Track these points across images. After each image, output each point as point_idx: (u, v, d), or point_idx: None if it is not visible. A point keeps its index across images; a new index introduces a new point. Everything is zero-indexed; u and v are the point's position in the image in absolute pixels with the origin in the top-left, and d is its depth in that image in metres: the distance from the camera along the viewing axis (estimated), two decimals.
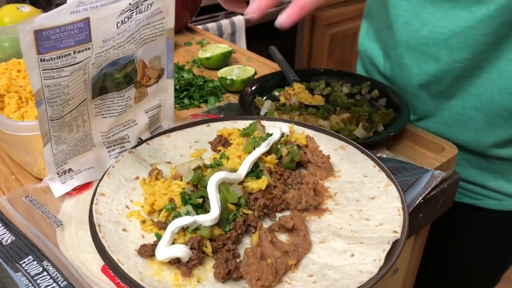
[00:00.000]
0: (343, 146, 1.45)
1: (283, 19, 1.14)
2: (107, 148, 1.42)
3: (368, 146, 1.58)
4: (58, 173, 1.34)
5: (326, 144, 1.47)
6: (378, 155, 1.57)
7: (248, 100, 1.82)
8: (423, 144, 1.71)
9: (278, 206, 1.23)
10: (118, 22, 1.17)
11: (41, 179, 1.45)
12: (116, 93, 1.35)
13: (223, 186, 1.16)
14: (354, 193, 1.30)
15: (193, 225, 1.08)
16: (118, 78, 1.33)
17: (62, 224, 1.24)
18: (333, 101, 1.87)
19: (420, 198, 1.35)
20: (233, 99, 1.97)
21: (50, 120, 1.21)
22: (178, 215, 1.11)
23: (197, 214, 1.13)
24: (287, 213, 1.25)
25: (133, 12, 1.20)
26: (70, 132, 1.30)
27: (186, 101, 1.89)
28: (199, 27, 3.64)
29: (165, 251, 1.04)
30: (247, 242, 1.15)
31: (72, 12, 1.06)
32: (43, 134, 1.22)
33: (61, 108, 1.20)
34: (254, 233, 1.15)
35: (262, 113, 1.81)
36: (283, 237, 1.17)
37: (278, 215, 1.24)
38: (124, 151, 1.45)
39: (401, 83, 1.89)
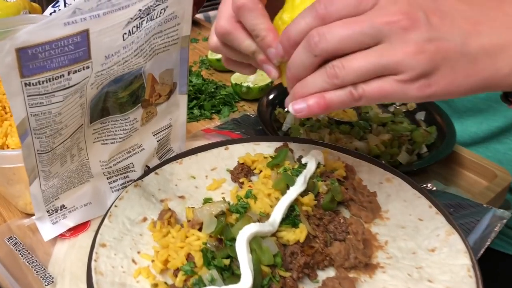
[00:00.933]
0: (390, 178, 1.22)
1: (299, 109, 0.85)
2: (107, 179, 1.18)
3: (411, 172, 1.36)
4: (48, 211, 1.11)
5: (368, 175, 1.24)
6: (423, 185, 1.34)
7: (267, 113, 1.58)
8: (471, 170, 1.48)
9: (321, 263, 1.00)
10: (125, 33, 0.92)
11: (28, 214, 1.22)
12: (120, 115, 1.10)
13: (255, 243, 0.92)
14: (409, 242, 1.07)
15: None
16: (122, 97, 1.08)
17: (53, 282, 1.01)
18: (365, 113, 1.64)
19: (486, 246, 1.13)
20: (249, 108, 1.73)
21: (38, 154, 0.96)
22: (200, 282, 0.88)
23: (223, 278, 0.90)
24: (331, 271, 1.02)
25: (144, 20, 0.95)
26: (63, 164, 1.06)
27: (196, 111, 1.64)
28: (200, 15, 3.36)
29: None
30: None
31: (66, 23, 0.81)
32: (29, 170, 0.98)
33: (51, 140, 0.96)
34: None
35: (284, 128, 1.57)
36: None
37: (320, 273, 1.01)
38: (128, 182, 1.21)
39: (460, 105, 1.64)
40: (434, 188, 1.32)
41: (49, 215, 1.11)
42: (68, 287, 0.99)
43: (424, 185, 1.34)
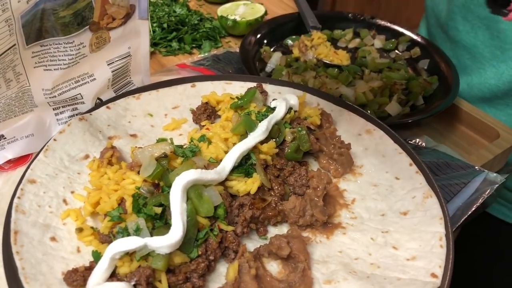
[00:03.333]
0: (370, 130, 1.07)
1: None
2: (54, 110, 1.07)
3: (402, 125, 1.21)
4: None
5: (347, 125, 1.10)
6: (414, 141, 1.19)
7: (252, 51, 1.42)
8: (472, 127, 1.32)
9: (272, 219, 0.89)
10: None
11: None
12: (63, 38, 0.97)
13: (193, 191, 0.81)
14: (380, 202, 0.94)
15: (142, 251, 0.74)
16: (64, 17, 0.94)
17: None
18: (361, 58, 1.47)
19: (469, 213, 0.99)
20: (235, 45, 1.57)
21: None
22: (124, 231, 0.78)
23: (153, 227, 0.80)
24: (285, 228, 0.90)
25: None
26: None
27: (174, 44, 1.50)
28: None
29: None
30: (223, 272, 0.82)
31: None
32: None
33: None
34: (233, 259, 0.82)
35: (268, 69, 1.42)
36: (274, 266, 0.83)
37: (272, 230, 0.90)
38: (77, 115, 1.09)
39: (485, 52, 1.45)
40: (423, 144, 1.17)
41: None
42: None
43: (413, 141, 1.19)
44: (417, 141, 1.18)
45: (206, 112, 1.09)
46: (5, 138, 1.03)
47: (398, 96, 1.25)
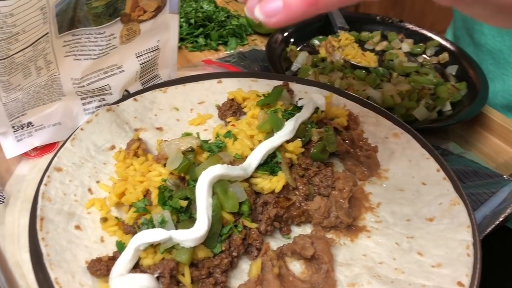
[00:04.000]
0: (398, 133, 1.06)
1: (272, 11, 0.58)
2: (81, 99, 1.07)
3: (429, 131, 1.19)
4: (13, 127, 1.01)
5: (374, 128, 1.08)
6: (440, 146, 1.17)
7: (278, 50, 1.41)
8: (499, 135, 1.29)
9: (296, 218, 0.88)
10: None
11: None
12: (95, 29, 0.98)
13: (219, 186, 0.80)
14: (405, 207, 0.93)
15: (166, 243, 0.74)
16: (97, 8, 0.95)
17: (3, 202, 0.93)
18: (389, 61, 1.45)
19: (496, 223, 0.97)
20: (261, 44, 1.56)
21: None
22: (149, 222, 0.78)
23: (178, 220, 0.79)
24: (308, 228, 0.89)
25: None
26: (27, 76, 0.95)
27: (201, 40, 1.50)
28: None
29: (120, 282, 0.71)
30: (245, 268, 0.82)
31: None
32: None
33: (5, 45, 0.84)
34: (256, 257, 0.81)
35: (294, 68, 1.41)
36: (297, 266, 0.83)
37: (296, 229, 0.89)
38: (104, 105, 1.10)
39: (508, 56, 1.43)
40: (450, 149, 1.15)
41: (14, 131, 1.02)
42: (18, 210, 0.91)
43: (440, 147, 1.17)
44: (442, 147, 1.16)
45: (232, 109, 1.08)
46: (33, 125, 1.04)
47: (426, 101, 1.23)
